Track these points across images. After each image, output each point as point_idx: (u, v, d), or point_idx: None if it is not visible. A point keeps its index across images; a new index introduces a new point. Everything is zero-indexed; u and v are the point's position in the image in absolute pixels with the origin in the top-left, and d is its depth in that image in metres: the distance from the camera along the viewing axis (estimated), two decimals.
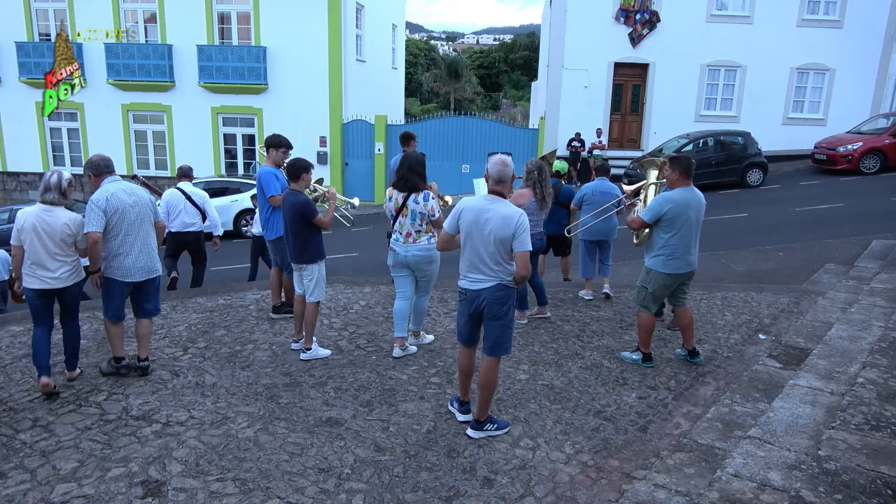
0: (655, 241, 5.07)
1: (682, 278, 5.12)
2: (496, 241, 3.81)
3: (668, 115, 19.61)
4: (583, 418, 4.36)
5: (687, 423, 4.28)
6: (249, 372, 5.10)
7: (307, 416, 4.36)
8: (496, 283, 3.87)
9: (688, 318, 5.29)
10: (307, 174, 5.22)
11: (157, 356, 5.37)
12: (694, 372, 5.14)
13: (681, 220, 4.93)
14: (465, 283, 3.98)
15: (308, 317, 5.32)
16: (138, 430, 4.14)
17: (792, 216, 12.50)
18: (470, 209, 3.94)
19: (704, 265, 9.31)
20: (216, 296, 7.24)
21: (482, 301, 3.91)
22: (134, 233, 4.78)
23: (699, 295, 7.28)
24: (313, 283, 5.28)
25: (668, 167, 5.04)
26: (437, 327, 6.12)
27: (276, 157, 6.22)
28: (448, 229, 4.07)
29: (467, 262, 3.95)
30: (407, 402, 4.58)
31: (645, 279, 5.17)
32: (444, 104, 45.41)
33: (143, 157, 20.49)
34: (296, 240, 5.24)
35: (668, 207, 4.93)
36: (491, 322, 3.94)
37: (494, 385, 4.06)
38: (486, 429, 4.09)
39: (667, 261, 5.01)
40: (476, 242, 3.88)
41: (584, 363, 5.32)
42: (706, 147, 16.48)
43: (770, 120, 19.56)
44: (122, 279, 4.79)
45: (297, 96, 19.28)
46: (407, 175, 5.20)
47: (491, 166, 3.95)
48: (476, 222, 3.88)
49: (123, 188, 4.80)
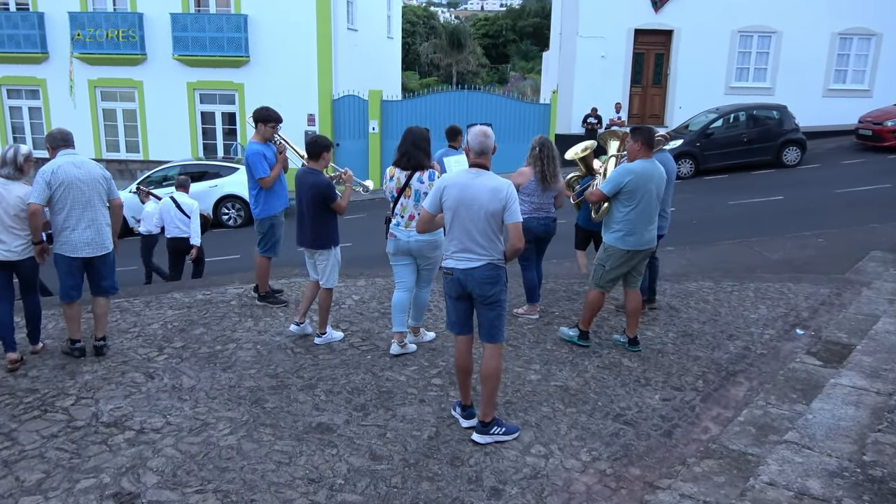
0: (614, 215, 5.26)
1: (640, 255, 5.31)
2: (487, 216, 3.88)
3: (694, 87, 19.50)
4: (600, 422, 4.36)
5: (716, 427, 4.28)
6: (231, 373, 5.11)
7: (295, 421, 4.36)
8: (486, 262, 3.95)
9: (636, 303, 5.47)
10: (327, 153, 5.45)
11: (130, 357, 5.39)
12: (724, 371, 5.14)
13: (641, 192, 5.11)
14: (452, 262, 4.03)
15: (323, 303, 5.62)
16: (109, 438, 4.14)
17: (833, 198, 12.44)
18: (454, 185, 3.98)
19: (735, 253, 9.31)
20: (194, 290, 7.25)
21: (472, 282, 3.97)
22: (81, 207, 5.09)
23: (729, 286, 7.27)
24: (328, 268, 5.52)
25: (630, 138, 5.24)
26: (440, 323, 6.12)
27: (265, 133, 6.29)
28: (429, 208, 4.12)
29: (456, 241, 4.00)
30: (406, 405, 4.58)
31: (602, 256, 5.38)
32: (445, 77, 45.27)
33: (113, 138, 20.50)
34: (312, 224, 5.44)
35: (628, 179, 5.11)
36: (483, 306, 4.01)
37: (497, 375, 4.09)
38: (493, 432, 4.09)
39: (625, 237, 5.22)
40: (465, 220, 3.93)
41: (602, 362, 5.32)
42: (737, 123, 16.40)
43: (809, 92, 19.44)
44: (69, 254, 5.13)
45: (281, 70, 19.25)
46: (410, 151, 5.22)
47: (471, 138, 4.03)
48: (462, 198, 3.92)
49: (73, 161, 5.09)
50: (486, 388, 4.07)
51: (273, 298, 6.68)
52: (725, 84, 19.84)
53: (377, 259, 8.94)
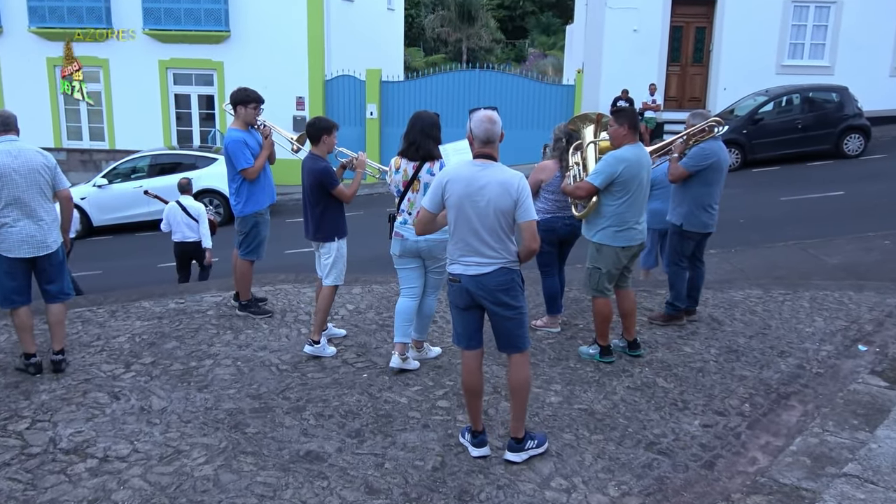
0: (603, 210, 5.39)
1: (632, 252, 5.49)
2: (496, 214, 3.90)
3: (741, 66, 19.42)
4: (631, 452, 4.35)
5: (765, 457, 4.26)
6: (208, 394, 5.13)
7: (281, 449, 4.37)
8: (498, 266, 3.96)
9: (630, 303, 5.65)
10: (329, 136, 5.64)
11: (93, 374, 5.42)
12: (774, 393, 5.12)
13: (634, 182, 5.26)
14: (458, 268, 4.03)
15: (322, 303, 5.72)
16: (69, 467, 4.16)
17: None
18: (457, 179, 3.98)
19: (788, 257, 9.28)
20: (165, 298, 7.29)
21: (482, 290, 3.98)
22: (19, 201, 5.12)
23: (781, 295, 7.25)
24: (330, 262, 5.67)
25: (614, 121, 5.37)
26: (446, 337, 6.13)
27: (246, 116, 6.34)
28: (430, 207, 4.12)
29: (461, 243, 4.00)
30: (407, 431, 4.58)
31: (595, 257, 5.48)
32: (454, 55, 45.31)
33: (75, 124, 20.64)
34: (312, 213, 5.64)
35: (622, 167, 5.21)
36: (499, 315, 4.03)
37: (528, 387, 4.18)
38: (527, 447, 4.18)
39: (617, 232, 5.36)
40: (471, 218, 3.93)
41: (633, 382, 5.31)
42: (791, 107, 16.36)
43: (874, 71, 19.32)
44: (6, 254, 5.17)
45: (267, 47, 19.33)
46: (419, 140, 5.26)
47: (475, 125, 4.01)
48: (468, 194, 3.93)
49: (8, 150, 5.11)
50: (517, 401, 4.14)
51: (256, 308, 6.71)
52: (776, 62, 19.76)
53: (374, 263, 8.98)
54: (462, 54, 44.10)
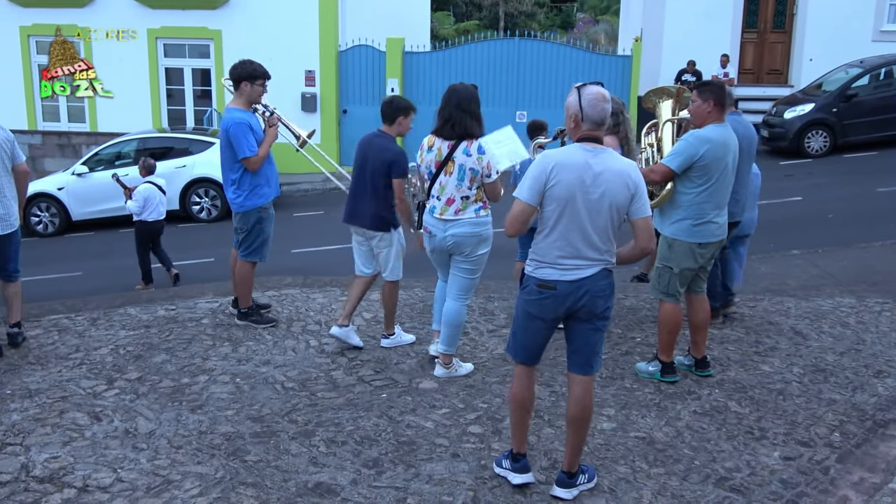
0: (679, 199, 5.37)
1: (711, 249, 5.44)
2: (611, 208, 3.88)
3: (830, 33, 19.19)
4: (698, 488, 4.32)
5: (859, 496, 4.21)
6: (202, 415, 5.17)
7: (286, 480, 4.39)
8: (600, 268, 3.95)
9: (704, 313, 5.62)
10: (406, 118, 5.87)
11: (71, 391, 5.49)
12: (870, 420, 5.05)
13: (718, 166, 5.24)
14: (556, 273, 3.95)
15: (389, 299, 6.14)
16: (43, 498, 4.21)
17: None
18: (568, 165, 3.87)
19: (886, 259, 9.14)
20: (154, 304, 7.37)
21: (582, 297, 3.93)
22: None
23: (878, 305, 7.17)
24: (391, 256, 5.99)
25: (698, 96, 5.33)
26: (479, 352, 6.13)
27: (250, 95, 6.35)
28: (527, 198, 3.94)
29: (562, 241, 3.90)
30: (433, 461, 4.59)
31: (667, 255, 5.44)
32: (490, 22, 45.32)
33: (52, 103, 20.90)
34: (373, 198, 5.86)
35: (704, 149, 5.19)
36: (588, 326, 4.02)
37: (591, 417, 4.21)
38: (579, 483, 4.20)
39: (695, 226, 5.31)
40: (580, 213, 3.86)
41: (701, 406, 5.27)
42: (890, 80, 16.14)
43: None
44: None
45: (271, 12, 19.43)
46: (455, 115, 5.34)
47: (588, 105, 3.88)
48: (581, 184, 3.84)
49: None
50: (580, 434, 4.15)
51: (258, 316, 6.73)
52: (874, 28, 19.50)
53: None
54: (499, 20, 44.05)
